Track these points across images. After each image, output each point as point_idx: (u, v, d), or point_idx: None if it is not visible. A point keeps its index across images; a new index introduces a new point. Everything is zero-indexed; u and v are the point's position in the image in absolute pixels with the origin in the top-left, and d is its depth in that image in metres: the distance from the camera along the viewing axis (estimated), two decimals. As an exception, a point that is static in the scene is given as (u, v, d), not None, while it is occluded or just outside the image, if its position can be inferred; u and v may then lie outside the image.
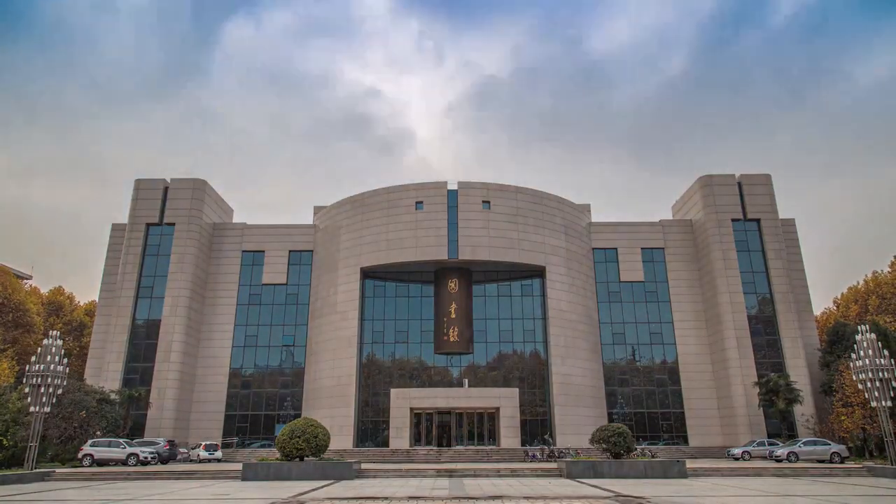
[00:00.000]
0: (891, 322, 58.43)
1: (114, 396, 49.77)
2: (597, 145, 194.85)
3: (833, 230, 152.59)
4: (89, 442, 40.21)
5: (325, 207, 65.30)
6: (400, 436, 51.02)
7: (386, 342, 58.55)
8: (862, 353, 33.84)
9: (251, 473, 29.19)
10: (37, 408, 32.64)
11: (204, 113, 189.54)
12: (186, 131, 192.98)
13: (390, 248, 57.40)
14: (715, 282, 59.01)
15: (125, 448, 39.87)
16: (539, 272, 58.99)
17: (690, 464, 34.91)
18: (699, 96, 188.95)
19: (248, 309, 62.11)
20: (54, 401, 34.95)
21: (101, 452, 39.17)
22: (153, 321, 58.15)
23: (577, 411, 54.74)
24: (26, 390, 33.80)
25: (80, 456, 39.24)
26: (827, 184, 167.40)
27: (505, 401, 52.24)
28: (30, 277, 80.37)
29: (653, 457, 42.68)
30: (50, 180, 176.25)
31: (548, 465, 35.99)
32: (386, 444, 52.48)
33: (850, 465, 36.88)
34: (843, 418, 46.76)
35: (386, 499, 19.09)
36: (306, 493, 21.90)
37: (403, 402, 52.21)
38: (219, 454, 48.68)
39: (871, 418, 42.82)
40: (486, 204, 58.36)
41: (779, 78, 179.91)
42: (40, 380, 32.86)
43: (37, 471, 31.35)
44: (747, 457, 45.58)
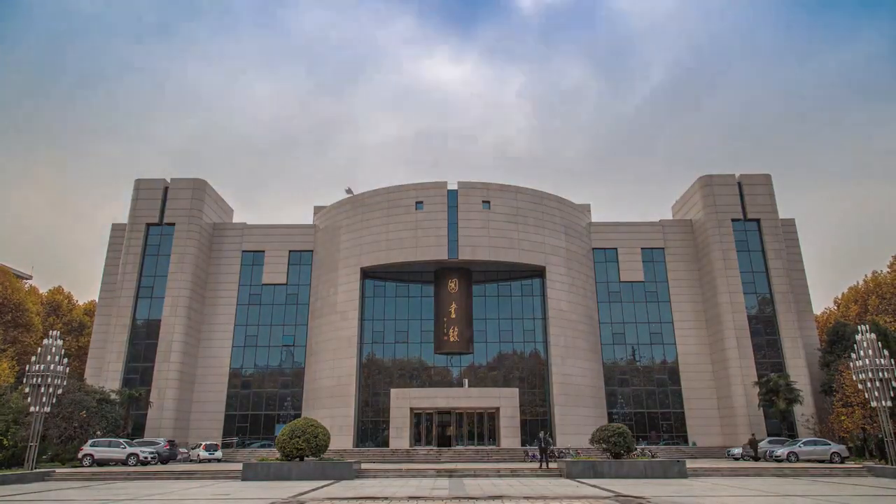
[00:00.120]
0: (891, 322, 58.42)
1: (114, 396, 49.76)
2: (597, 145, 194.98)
3: (833, 230, 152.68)
4: (89, 442, 40.21)
5: (325, 207, 65.31)
6: (400, 436, 51.03)
7: (386, 342, 58.56)
8: (862, 353, 33.85)
9: (251, 473, 29.20)
10: (37, 408, 32.65)
11: (204, 113, 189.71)
12: (187, 131, 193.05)
13: (390, 248, 57.41)
14: (715, 282, 59.02)
15: (125, 448, 39.88)
16: (539, 272, 59.00)
17: (690, 464, 34.93)
18: (700, 96, 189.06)
19: (248, 309, 62.12)
20: (54, 401, 34.94)
21: (101, 452, 39.18)
22: (153, 321, 58.16)
23: (577, 411, 54.75)
24: (26, 390, 33.81)
25: (80, 456, 39.24)
26: (827, 184, 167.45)
27: (505, 401, 52.26)
28: (30, 277, 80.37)
29: (653, 457, 42.69)
30: (50, 180, 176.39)
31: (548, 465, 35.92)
32: (386, 444, 52.49)
33: (850, 465, 36.88)
34: (843, 418, 46.76)
35: (386, 499, 19.10)
36: (306, 493, 21.90)
37: (403, 402, 52.22)
38: (219, 454, 48.69)
39: (871, 418, 42.83)
40: (487, 204, 58.38)
41: (779, 78, 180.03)
42: (40, 380, 32.87)
43: (37, 471, 31.35)
44: (748, 458, 45.53)
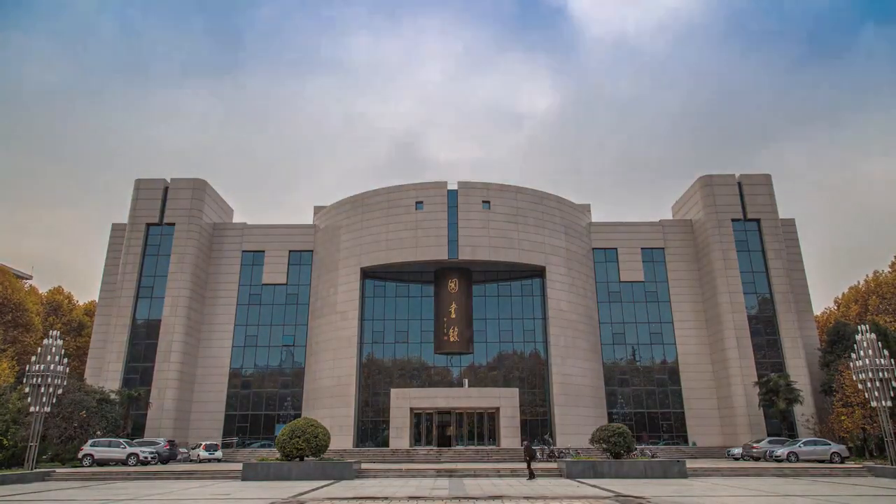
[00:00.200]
0: (891, 322, 58.40)
1: (114, 396, 49.77)
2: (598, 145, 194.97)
3: (833, 230, 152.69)
4: (89, 442, 40.22)
5: (325, 207, 65.31)
6: (400, 436, 51.02)
7: (386, 342, 58.55)
8: (862, 353, 33.87)
9: (251, 473, 29.22)
10: (37, 408, 32.68)
11: (205, 112, 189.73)
12: (187, 131, 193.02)
13: (390, 248, 57.41)
14: (715, 282, 59.01)
15: (125, 448, 39.89)
16: (539, 272, 59.00)
17: (690, 464, 34.94)
18: (701, 96, 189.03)
19: (248, 309, 62.11)
20: (54, 401, 34.98)
21: (101, 452, 39.20)
22: (153, 321, 58.16)
23: (577, 411, 54.74)
24: (26, 390, 33.83)
25: (80, 456, 39.26)
26: (827, 184, 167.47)
27: (505, 401, 52.25)
28: (30, 277, 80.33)
29: (653, 457, 42.73)
30: (50, 180, 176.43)
31: (548, 465, 36.00)
32: (386, 444, 52.49)
33: (850, 465, 36.89)
34: (843, 418, 46.75)
35: (386, 499, 19.10)
36: (306, 493, 21.91)
37: (403, 402, 52.21)
38: (219, 454, 48.68)
39: (871, 418, 42.83)
40: (487, 204, 58.37)
41: (779, 76, 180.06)
42: (40, 380, 32.90)
43: (37, 471, 31.38)
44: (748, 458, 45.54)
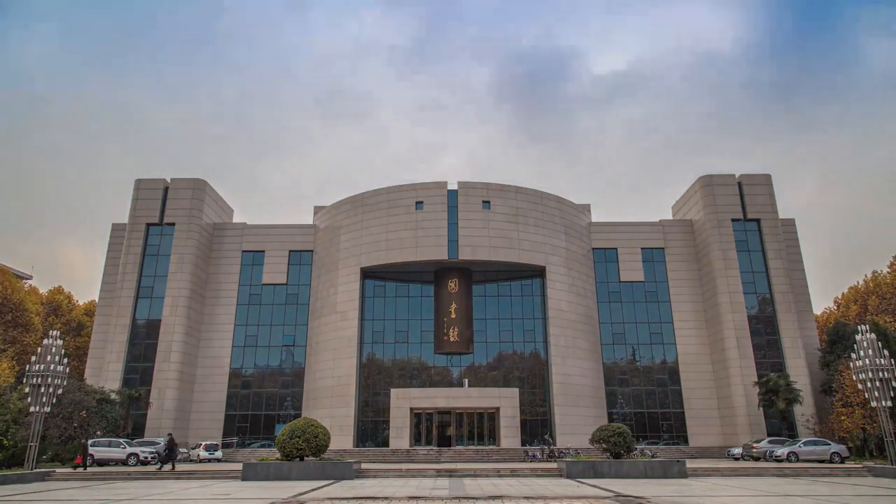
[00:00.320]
0: (891, 322, 58.41)
1: (114, 396, 49.77)
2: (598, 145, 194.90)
3: (833, 230, 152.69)
4: (89, 442, 40.19)
5: (325, 207, 65.31)
6: (400, 436, 51.02)
7: (386, 342, 58.55)
8: (862, 353, 33.88)
9: (251, 473, 29.21)
10: (37, 408, 32.68)
11: (205, 112, 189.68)
12: (187, 130, 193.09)
13: (390, 248, 57.40)
14: (715, 282, 59.00)
15: (125, 448, 39.91)
16: (539, 272, 59.00)
17: (690, 464, 34.92)
18: (701, 96, 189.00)
19: (248, 309, 62.11)
20: (54, 401, 34.98)
21: (101, 452, 39.20)
22: (153, 321, 58.16)
23: (577, 411, 54.74)
24: (26, 390, 33.83)
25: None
26: (827, 183, 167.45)
27: (505, 401, 52.24)
28: (30, 277, 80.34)
29: (653, 457, 42.72)
30: (50, 180, 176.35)
31: (548, 465, 35.99)
32: (386, 444, 52.48)
33: (850, 465, 36.88)
34: (843, 418, 46.75)
35: (386, 499, 19.09)
36: (306, 493, 21.91)
37: (403, 402, 52.21)
38: (219, 454, 48.70)
39: (871, 418, 42.84)
40: (487, 204, 58.37)
41: (779, 77, 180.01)
42: (40, 380, 32.91)
43: (37, 471, 31.38)
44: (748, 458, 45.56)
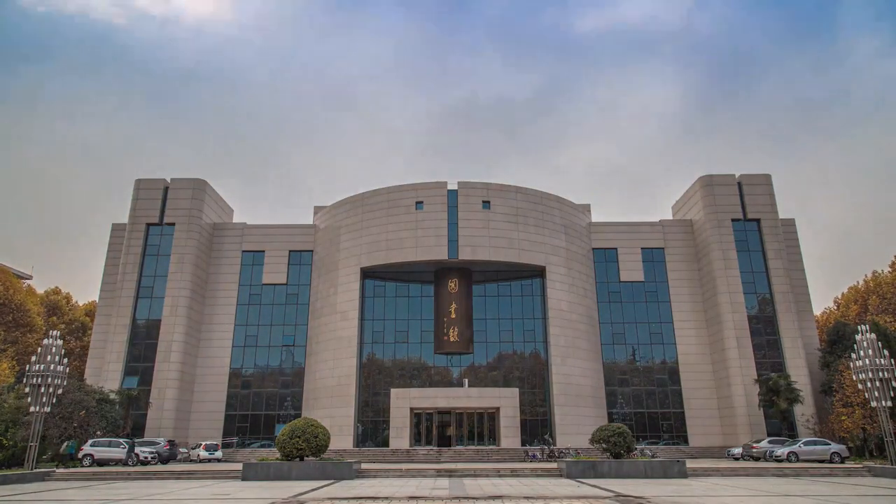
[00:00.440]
0: (891, 322, 58.41)
1: (114, 396, 49.73)
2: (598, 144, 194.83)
3: (833, 230, 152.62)
4: (89, 442, 40.20)
5: (325, 207, 65.30)
6: (400, 436, 51.02)
7: (386, 342, 58.54)
8: (862, 353, 33.87)
9: (251, 473, 29.20)
10: (37, 408, 32.67)
11: (205, 112, 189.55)
12: (187, 131, 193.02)
13: (390, 248, 57.39)
14: (715, 282, 58.99)
15: (125, 448, 39.89)
16: (539, 272, 58.99)
17: (690, 464, 34.91)
18: (701, 94, 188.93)
19: (248, 309, 62.10)
20: (54, 401, 34.98)
21: (101, 452, 39.18)
22: (153, 321, 58.15)
23: (577, 411, 54.73)
24: (26, 390, 33.81)
25: (80, 456, 39.27)
26: (827, 183, 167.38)
27: (505, 401, 52.24)
28: (30, 277, 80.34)
29: (653, 457, 42.72)
30: (50, 180, 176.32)
31: (548, 465, 35.97)
32: (386, 444, 52.48)
33: (850, 465, 36.87)
34: (843, 418, 46.73)
35: (386, 499, 19.09)
36: (306, 493, 21.90)
37: (403, 402, 52.20)
38: (219, 454, 48.69)
39: (871, 418, 42.82)
40: (486, 204, 58.36)
41: (779, 77, 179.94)
42: (40, 380, 32.90)
43: (37, 471, 31.38)
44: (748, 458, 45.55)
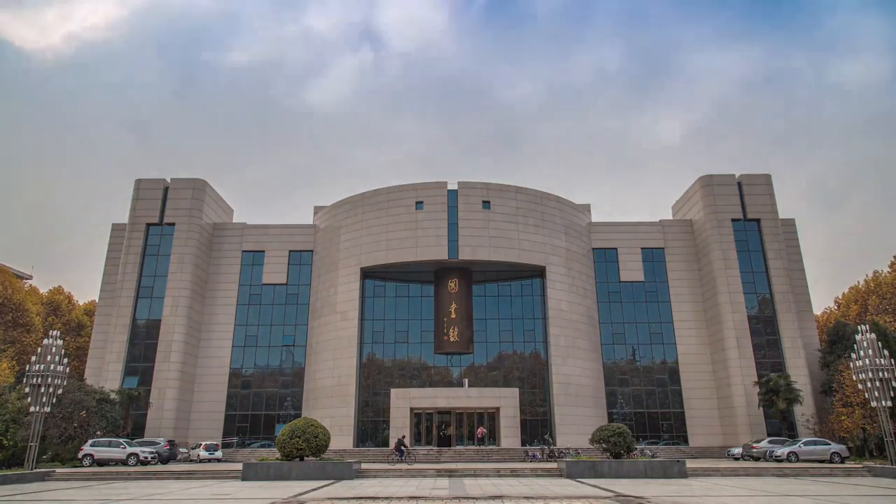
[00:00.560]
0: (891, 322, 58.41)
1: (114, 396, 49.75)
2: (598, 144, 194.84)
3: (833, 229, 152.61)
4: (89, 442, 40.19)
5: (325, 207, 65.29)
6: (400, 436, 50.93)
7: (386, 342, 58.51)
8: (862, 353, 33.87)
9: (251, 473, 29.21)
10: (37, 408, 32.66)
11: (206, 112, 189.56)
12: (188, 130, 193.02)
13: (390, 248, 57.38)
14: (715, 282, 58.98)
15: (125, 448, 39.88)
16: (539, 272, 58.97)
17: (690, 464, 34.91)
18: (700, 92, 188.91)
19: (248, 309, 62.09)
20: (54, 401, 34.96)
21: (101, 452, 39.18)
22: (153, 321, 58.14)
23: (577, 411, 54.73)
24: (26, 390, 33.80)
25: (80, 456, 39.24)
26: (827, 184, 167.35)
27: (505, 401, 52.22)
28: (30, 277, 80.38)
29: (653, 457, 42.71)
30: (50, 180, 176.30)
31: (548, 465, 35.98)
32: (386, 443, 52.45)
33: (850, 465, 36.87)
34: (843, 418, 46.73)
35: (386, 499, 19.09)
36: (306, 493, 21.91)
37: (403, 402, 52.19)
38: (219, 454, 48.69)
39: (871, 418, 42.82)
40: (486, 204, 58.34)
41: (779, 76, 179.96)
42: (40, 380, 32.89)
43: (37, 471, 31.36)
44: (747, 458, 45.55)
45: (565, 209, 61.78)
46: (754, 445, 45.93)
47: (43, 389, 32.87)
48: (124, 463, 38.93)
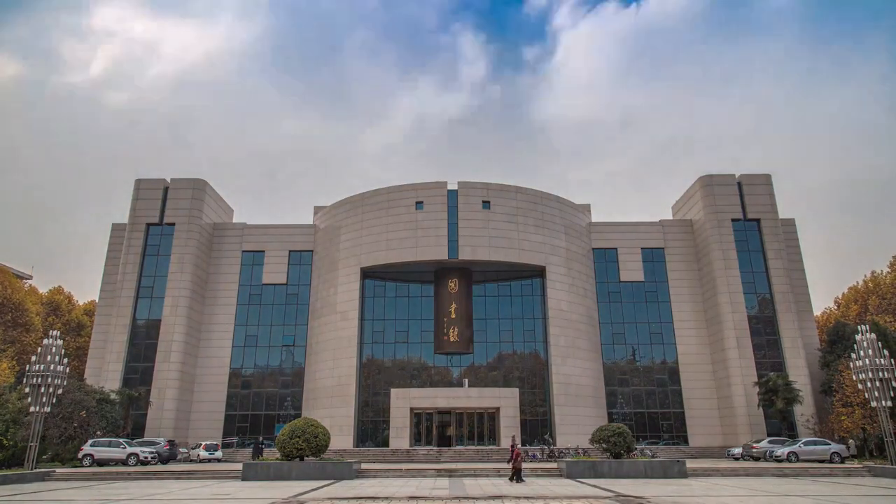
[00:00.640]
0: (891, 322, 58.42)
1: (114, 396, 49.75)
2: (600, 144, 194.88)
3: (833, 230, 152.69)
4: (89, 442, 40.20)
5: (325, 207, 65.29)
6: (400, 436, 51.00)
7: (386, 342, 58.51)
8: (862, 353, 33.89)
9: (251, 473, 29.23)
10: (37, 408, 32.68)
11: (208, 113, 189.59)
12: (190, 131, 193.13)
13: (390, 248, 57.39)
14: (715, 282, 58.98)
15: (125, 448, 39.88)
16: (539, 272, 58.98)
17: (690, 464, 34.94)
18: (699, 92, 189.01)
19: (248, 309, 62.09)
20: (54, 401, 34.98)
21: (101, 452, 39.18)
22: (153, 321, 58.15)
23: (577, 411, 54.73)
24: (26, 390, 33.81)
25: (80, 456, 39.24)
26: (827, 183, 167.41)
27: (505, 401, 52.22)
28: (30, 277, 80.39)
29: (653, 457, 42.73)
30: (50, 180, 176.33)
31: (548, 465, 35.99)
32: (386, 444, 52.47)
33: (850, 465, 36.89)
34: (843, 418, 46.75)
35: (386, 499, 19.10)
36: (306, 493, 21.93)
37: (403, 402, 52.20)
38: (219, 454, 48.69)
39: (871, 418, 42.84)
40: (486, 204, 58.35)
41: (779, 76, 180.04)
42: (40, 380, 32.91)
43: (37, 471, 31.38)
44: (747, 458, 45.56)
45: (565, 209, 61.79)
46: (754, 445, 45.92)
47: (43, 389, 32.88)
48: (124, 463, 38.93)
